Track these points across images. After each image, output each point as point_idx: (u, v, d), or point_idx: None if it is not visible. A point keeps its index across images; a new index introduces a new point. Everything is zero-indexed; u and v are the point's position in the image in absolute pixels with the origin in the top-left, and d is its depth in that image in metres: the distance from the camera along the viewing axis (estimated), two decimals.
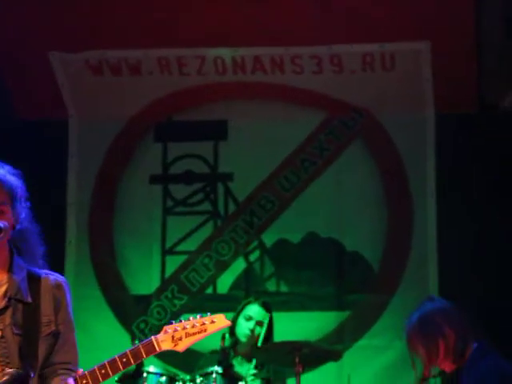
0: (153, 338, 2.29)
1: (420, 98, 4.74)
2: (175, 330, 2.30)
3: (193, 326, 2.32)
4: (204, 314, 2.32)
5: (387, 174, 4.87)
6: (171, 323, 2.36)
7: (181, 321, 2.35)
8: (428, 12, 4.36)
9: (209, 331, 2.33)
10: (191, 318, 2.34)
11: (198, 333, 2.31)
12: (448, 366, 3.28)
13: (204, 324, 2.33)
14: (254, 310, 4.17)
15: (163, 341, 2.32)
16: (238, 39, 4.63)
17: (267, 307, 4.31)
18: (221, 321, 2.33)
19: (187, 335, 2.32)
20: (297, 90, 4.84)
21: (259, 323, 4.15)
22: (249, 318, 3.94)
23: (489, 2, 4.33)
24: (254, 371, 4.18)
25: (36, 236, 2.47)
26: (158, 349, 2.29)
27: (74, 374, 2.26)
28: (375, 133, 4.88)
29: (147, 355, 2.29)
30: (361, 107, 4.85)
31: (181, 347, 2.30)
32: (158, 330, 2.35)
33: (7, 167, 2.39)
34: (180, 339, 2.32)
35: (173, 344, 2.31)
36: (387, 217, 4.85)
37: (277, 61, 4.71)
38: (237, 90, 4.92)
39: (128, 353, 2.26)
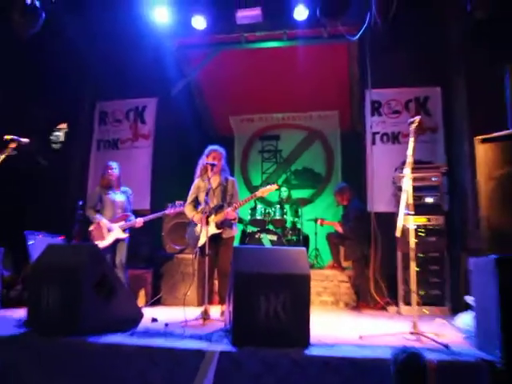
0: (256, 192, 5.18)
1: None
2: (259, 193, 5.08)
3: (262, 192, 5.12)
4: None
5: None
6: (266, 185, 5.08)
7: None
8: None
9: (263, 194, 5.15)
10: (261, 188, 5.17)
11: (267, 191, 5.08)
12: (345, 202, 6.69)
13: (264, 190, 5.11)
14: None
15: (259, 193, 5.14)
16: None
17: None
18: (272, 187, 5.13)
19: (262, 193, 5.15)
20: None
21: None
22: None
23: None
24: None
25: (228, 170, 5.40)
26: (259, 194, 5.10)
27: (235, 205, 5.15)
28: None
29: (255, 197, 5.17)
30: None
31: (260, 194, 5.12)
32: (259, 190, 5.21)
33: (221, 148, 5.29)
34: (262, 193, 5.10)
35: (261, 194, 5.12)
36: None
37: None
38: None
39: (249, 196, 5.11)
